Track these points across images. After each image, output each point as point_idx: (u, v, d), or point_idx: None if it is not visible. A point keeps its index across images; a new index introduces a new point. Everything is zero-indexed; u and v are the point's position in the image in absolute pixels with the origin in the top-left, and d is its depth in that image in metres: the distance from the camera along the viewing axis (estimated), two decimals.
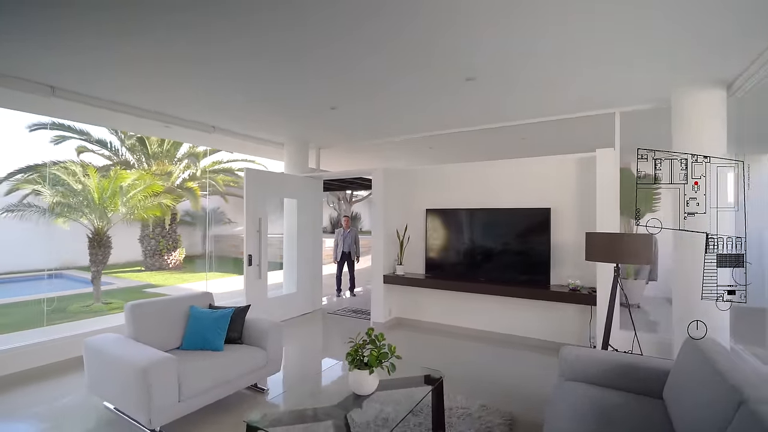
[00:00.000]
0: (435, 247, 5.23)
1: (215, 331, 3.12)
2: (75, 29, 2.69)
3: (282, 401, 2.48)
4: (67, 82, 3.70)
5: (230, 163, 12.91)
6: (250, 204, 5.12)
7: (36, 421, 2.87)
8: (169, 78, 3.58)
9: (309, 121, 4.97)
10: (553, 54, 2.99)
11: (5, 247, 9.39)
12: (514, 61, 3.12)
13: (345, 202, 23.26)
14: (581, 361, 2.64)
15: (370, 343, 2.39)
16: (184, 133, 5.67)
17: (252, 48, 2.93)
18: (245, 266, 5.04)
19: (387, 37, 2.73)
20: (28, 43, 2.88)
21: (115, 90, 3.92)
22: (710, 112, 3.54)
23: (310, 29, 2.65)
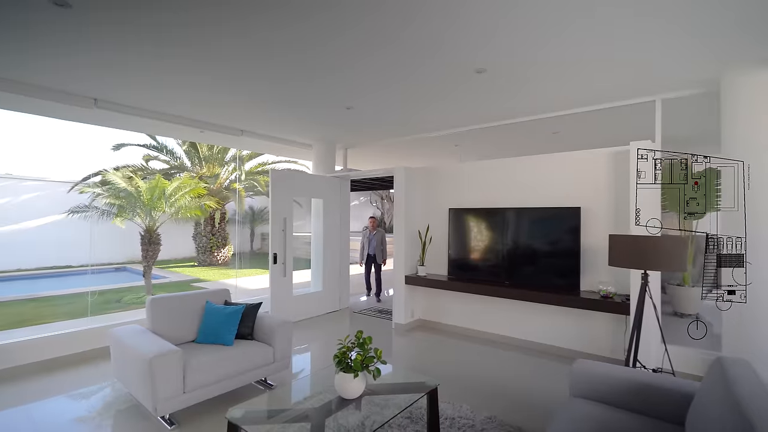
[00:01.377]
0: (458, 248, 5.05)
1: (226, 327, 3.24)
2: (117, 48, 2.96)
3: (267, 399, 2.51)
4: (108, 94, 4.06)
5: (273, 165, 13.48)
6: (275, 204, 5.29)
7: (71, 402, 3.18)
8: (198, 89, 3.81)
9: (328, 121, 5.03)
10: (587, 34, 2.69)
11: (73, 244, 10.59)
12: (543, 45, 2.89)
13: (388, 201, 23.36)
14: (594, 377, 2.39)
15: (358, 346, 2.35)
16: (216, 137, 5.99)
17: (262, 49, 3.00)
18: (270, 264, 5.22)
19: (395, 29, 2.65)
20: (73, 59, 3.20)
21: (151, 100, 4.23)
22: (764, 97, 3.06)
23: (314, 25, 2.65)
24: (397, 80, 3.58)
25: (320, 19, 2.54)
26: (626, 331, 3.85)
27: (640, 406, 2.20)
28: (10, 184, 10.57)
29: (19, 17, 2.49)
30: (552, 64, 3.19)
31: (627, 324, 3.84)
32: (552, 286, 4.25)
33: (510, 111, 4.52)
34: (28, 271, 10.24)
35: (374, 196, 23.09)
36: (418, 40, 2.78)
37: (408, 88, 3.80)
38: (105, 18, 2.53)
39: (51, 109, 4.40)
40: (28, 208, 10.60)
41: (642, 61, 3.14)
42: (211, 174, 12.32)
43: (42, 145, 14.12)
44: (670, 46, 2.88)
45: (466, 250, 5.00)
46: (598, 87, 3.73)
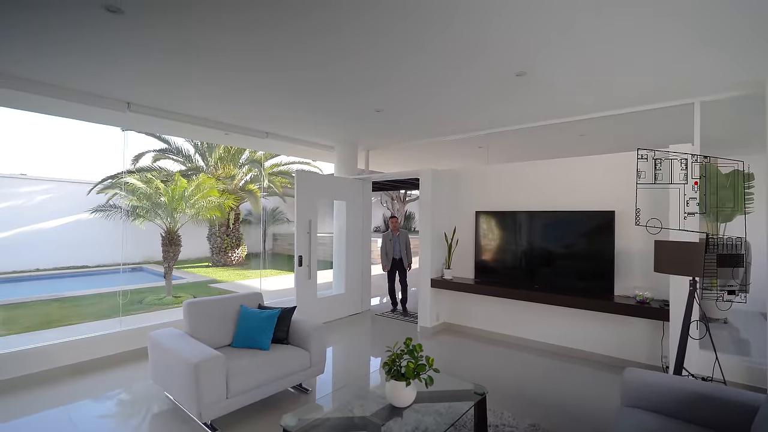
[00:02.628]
0: (485, 251, 5.01)
1: (263, 331, 3.23)
2: (162, 56, 2.97)
3: (314, 407, 2.49)
4: (141, 98, 4.08)
5: (288, 165, 13.53)
6: (301, 205, 5.28)
7: (108, 405, 3.19)
8: (226, 90, 3.80)
9: (355, 124, 5.01)
10: (622, 32, 2.65)
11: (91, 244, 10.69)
12: (583, 48, 2.85)
13: (399, 201, 23.32)
14: (648, 386, 2.34)
15: (408, 353, 2.32)
16: (241, 139, 6.00)
17: (294, 54, 2.99)
18: (296, 267, 5.21)
19: (431, 34, 2.64)
20: (118, 65, 3.22)
21: (181, 103, 4.24)
22: None
23: (349, 33, 2.64)
24: (435, 83, 3.55)
25: (352, 28, 2.53)
26: (663, 338, 3.78)
27: (698, 417, 2.15)
28: (25, 184, 10.71)
29: (69, 19, 2.49)
30: (592, 65, 3.13)
31: (664, 330, 3.77)
32: (584, 291, 4.19)
33: (541, 113, 4.47)
34: (47, 270, 10.36)
35: (384, 196, 23.09)
36: (460, 42, 2.74)
37: (446, 91, 3.76)
38: (157, 21, 2.52)
39: (83, 113, 4.44)
40: (44, 209, 10.73)
41: (682, 64, 3.08)
42: (227, 175, 12.38)
43: (56, 146, 14.30)
44: (710, 48, 2.81)
45: (493, 253, 4.96)
46: (638, 89, 3.67)
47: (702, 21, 2.44)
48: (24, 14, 2.41)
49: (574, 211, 4.34)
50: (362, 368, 4.16)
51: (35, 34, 2.67)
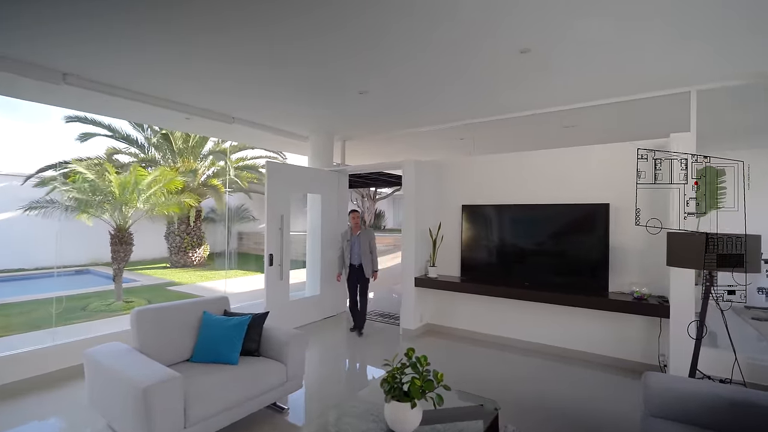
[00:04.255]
0: (472, 247, 4.72)
1: (230, 342, 2.74)
2: (84, 13, 2.38)
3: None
4: (78, 68, 3.43)
5: (254, 160, 12.77)
6: (272, 199, 4.77)
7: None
8: (184, 60, 3.24)
9: (335, 108, 4.56)
10: (622, 19, 2.43)
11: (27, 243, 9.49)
12: (583, 25, 2.58)
13: (369, 199, 22.92)
14: (673, 394, 2.09)
15: (411, 366, 1.94)
16: (204, 125, 5.38)
17: (273, 26, 2.53)
18: (266, 266, 4.69)
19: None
20: (36, 28, 2.62)
21: (129, 76, 3.62)
22: None
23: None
24: (424, 58, 3.17)
25: None
26: (661, 335, 3.63)
27: (735, 427, 1.92)
28: None
29: None
30: (589, 43, 2.88)
31: (662, 327, 3.62)
32: (577, 287, 3.98)
33: (531, 101, 4.22)
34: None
35: (355, 194, 22.62)
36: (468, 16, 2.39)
37: (435, 68, 3.40)
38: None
39: (10, 86, 3.71)
40: None
41: (680, 48, 2.93)
42: (187, 169, 11.46)
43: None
44: (711, 33, 2.66)
45: (480, 249, 4.68)
46: (630, 75, 3.49)
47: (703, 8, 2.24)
48: None
49: (566, 204, 4.13)
50: (342, 380, 3.74)
51: None
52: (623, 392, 3.31)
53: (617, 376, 3.63)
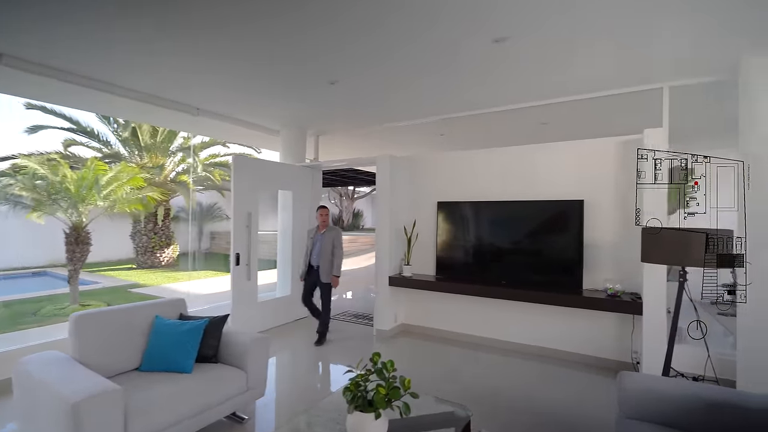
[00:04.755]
0: (448, 246, 4.61)
1: (183, 348, 2.51)
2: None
3: None
4: (16, 48, 3.10)
5: (227, 157, 12.35)
6: (239, 196, 4.52)
7: None
8: (141, 47, 2.97)
9: (305, 100, 4.35)
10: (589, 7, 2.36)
11: None
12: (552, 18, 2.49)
13: (347, 198, 22.68)
14: (651, 394, 2.02)
15: (376, 373, 1.78)
16: (165, 116, 5.06)
17: (239, 10, 2.32)
18: (232, 266, 4.44)
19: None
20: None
21: (78, 60, 3.30)
22: None
23: None
24: (400, 44, 3.02)
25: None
26: (634, 332, 3.61)
27: (712, 427, 1.86)
28: None
29: None
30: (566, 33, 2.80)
31: (634, 324, 3.60)
32: (553, 285, 3.93)
33: (507, 96, 4.14)
34: None
35: (332, 192, 22.33)
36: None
37: (407, 58, 3.25)
38: None
39: None
40: None
41: (649, 41, 2.90)
42: (154, 165, 10.95)
43: None
44: (680, 24, 2.64)
45: (456, 247, 4.57)
46: (602, 71, 3.46)
47: None
48: None
49: (541, 201, 4.08)
50: (311, 386, 3.55)
51: None
52: (598, 391, 3.27)
53: (592, 375, 3.59)
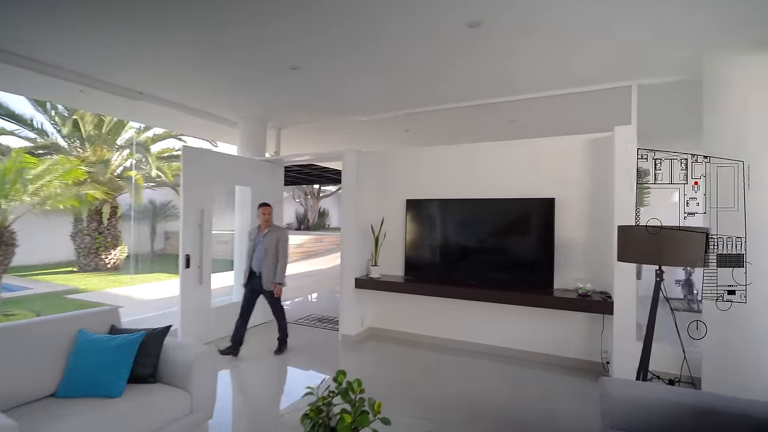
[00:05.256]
0: (417, 245, 4.42)
1: (111, 368, 2.13)
2: None
3: None
4: None
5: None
6: (190, 192, 4.09)
7: None
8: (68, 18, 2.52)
9: (264, 87, 3.99)
10: None
11: None
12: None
13: (313, 197, 22.13)
14: (634, 401, 1.90)
15: (341, 395, 1.52)
16: (103, 101, 4.51)
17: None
18: (181, 269, 4.01)
19: None
20: None
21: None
22: (753, 81, 2.92)
23: None
24: (369, 30, 2.77)
25: None
26: (603, 332, 3.57)
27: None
28: None
29: None
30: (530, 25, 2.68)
31: (604, 323, 3.56)
32: (523, 285, 3.84)
33: (477, 90, 4.00)
34: None
35: (297, 191, 21.71)
36: None
37: (381, 43, 3.01)
38: None
39: None
40: None
41: (618, 39, 2.88)
42: (99, 158, 10.02)
43: None
44: (646, 22, 2.62)
45: (425, 246, 4.39)
46: (572, 68, 3.41)
47: None
48: None
49: (512, 199, 3.97)
50: (272, 402, 3.22)
51: None
52: (571, 395, 3.18)
53: (564, 376, 3.51)
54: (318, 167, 10.34)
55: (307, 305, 6.40)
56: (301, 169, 11.02)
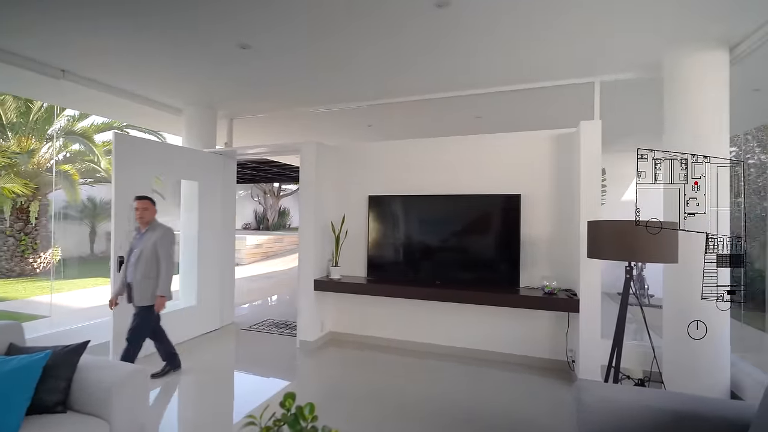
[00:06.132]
0: (380, 244, 4.19)
1: (2, 399, 1.71)
2: None
3: None
4: None
5: None
6: (123, 185, 3.60)
7: None
8: None
9: (211, 68, 3.59)
10: None
11: None
12: None
13: (272, 195, 21.33)
14: (611, 405, 1.77)
15: (288, 425, 1.25)
16: (16, 79, 3.89)
17: None
18: (113, 273, 3.52)
19: None
20: None
21: None
22: (713, 77, 2.97)
23: None
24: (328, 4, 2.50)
25: None
26: (568, 330, 3.53)
27: None
28: None
29: None
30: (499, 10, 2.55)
31: (569, 322, 3.52)
32: (489, 284, 3.73)
33: (441, 83, 3.84)
34: None
35: (256, 189, 20.84)
36: None
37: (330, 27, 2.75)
38: None
39: None
40: None
41: (580, 35, 2.85)
42: (23, 149, 8.94)
43: None
44: (614, 23, 2.64)
45: (389, 245, 4.17)
46: (537, 63, 3.35)
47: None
48: None
49: (478, 195, 3.85)
50: (218, 425, 2.85)
51: None
52: (538, 395, 3.08)
53: (532, 376, 3.42)
54: (278, 164, 9.85)
55: (264, 309, 6.00)
56: (259, 166, 10.47)
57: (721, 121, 2.93)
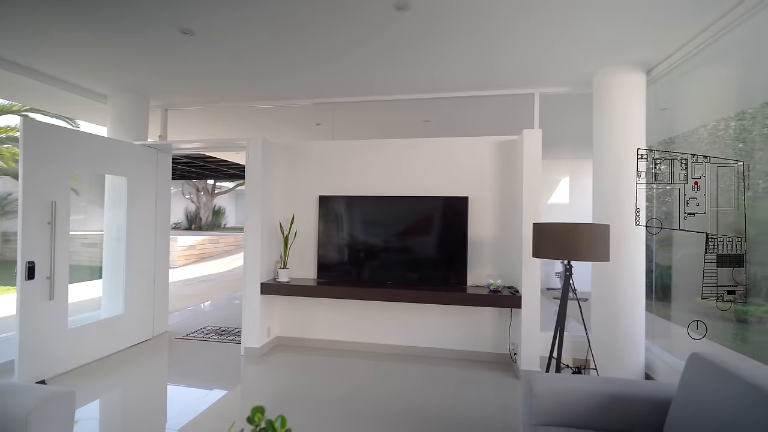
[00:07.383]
0: (330, 245, 4.11)
1: None
2: None
3: None
4: None
5: None
6: (32, 179, 3.13)
7: None
8: None
9: (146, 53, 3.26)
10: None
11: None
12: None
13: (206, 193, 19.98)
14: (560, 396, 1.91)
15: None
16: None
17: None
18: (19, 281, 3.04)
19: None
20: None
21: None
22: (633, 95, 3.35)
23: None
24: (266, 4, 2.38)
25: None
26: (510, 325, 3.75)
27: (611, 422, 1.84)
28: None
29: None
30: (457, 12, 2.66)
31: (512, 317, 3.75)
32: (439, 284, 3.84)
33: (393, 84, 3.88)
34: None
35: (188, 186, 19.40)
36: None
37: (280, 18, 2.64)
38: None
39: None
40: None
41: (524, 48, 3.06)
42: None
43: None
44: (554, 42, 2.89)
45: (340, 246, 4.11)
46: (482, 72, 3.54)
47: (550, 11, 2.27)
48: None
49: (428, 197, 3.95)
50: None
51: None
52: (485, 388, 3.23)
53: (478, 371, 3.58)
54: (213, 160, 9.23)
55: (202, 315, 5.58)
56: (193, 162, 9.73)
57: (637, 134, 3.31)
